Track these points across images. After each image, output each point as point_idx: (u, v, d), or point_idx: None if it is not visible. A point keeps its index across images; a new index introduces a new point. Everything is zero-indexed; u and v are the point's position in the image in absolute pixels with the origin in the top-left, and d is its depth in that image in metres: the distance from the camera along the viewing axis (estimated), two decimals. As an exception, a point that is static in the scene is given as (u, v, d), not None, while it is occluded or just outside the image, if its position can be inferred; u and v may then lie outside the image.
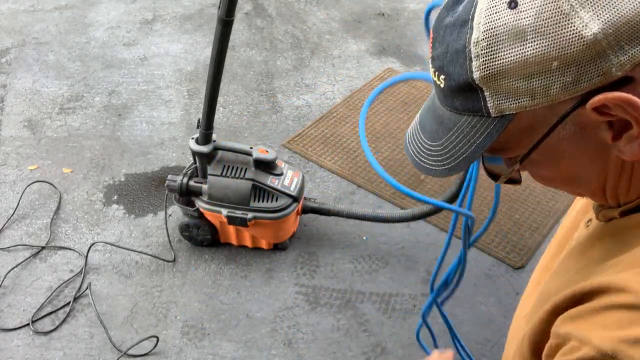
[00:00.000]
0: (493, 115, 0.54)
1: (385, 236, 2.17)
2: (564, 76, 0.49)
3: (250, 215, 1.91)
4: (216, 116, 1.90)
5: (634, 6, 0.46)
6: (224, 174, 1.90)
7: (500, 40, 0.50)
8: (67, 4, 3.52)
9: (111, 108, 2.76)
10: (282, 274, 2.04)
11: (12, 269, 2.01)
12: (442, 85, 0.56)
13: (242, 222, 1.93)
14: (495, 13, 0.50)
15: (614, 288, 0.51)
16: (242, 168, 1.90)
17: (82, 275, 2.00)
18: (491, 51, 0.51)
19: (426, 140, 0.60)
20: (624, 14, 0.46)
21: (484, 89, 0.53)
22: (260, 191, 1.91)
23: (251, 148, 1.88)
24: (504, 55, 0.50)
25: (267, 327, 1.87)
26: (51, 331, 1.84)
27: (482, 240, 2.15)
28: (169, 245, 2.10)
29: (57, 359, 1.77)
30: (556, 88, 0.50)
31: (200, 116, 1.79)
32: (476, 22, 0.51)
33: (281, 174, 1.93)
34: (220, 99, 2.61)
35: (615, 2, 0.46)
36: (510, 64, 0.50)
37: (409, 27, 3.39)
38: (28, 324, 1.85)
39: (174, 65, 3.04)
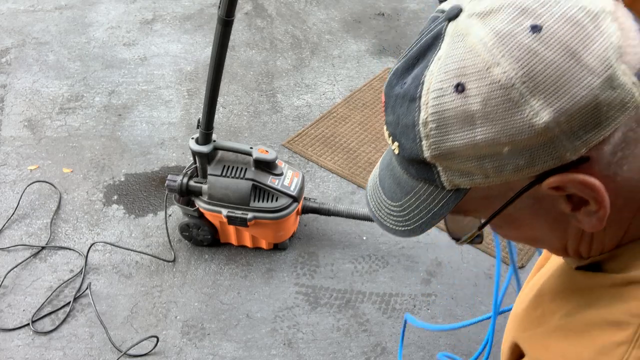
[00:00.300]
0: (447, 189, 0.53)
1: (385, 236, 2.17)
2: (516, 159, 0.48)
3: (250, 215, 1.91)
4: (216, 116, 1.90)
5: (586, 93, 0.45)
6: (224, 174, 1.90)
7: (448, 124, 0.49)
8: (67, 4, 3.52)
9: (111, 108, 2.76)
10: (282, 274, 2.04)
11: (12, 269, 2.01)
12: (396, 152, 0.55)
13: (242, 222, 1.93)
14: (443, 96, 0.48)
15: None
16: (242, 168, 1.90)
17: (82, 275, 2.00)
18: (440, 133, 0.49)
19: (386, 199, 0.59)
20: (576, 101, 0.45)
21: (436, 165, 0.52)
22: (260, 191, 1.91)
23: (251, 148, 1.88)
24: (453, 138, 0.49)
25: (267, 327, 1.87)
26: (51, 331, 1.84)
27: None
28: (169, 245, 2.10)
29: (57, 359, 1.77)
30: (509, 170, 0.49)
31: (200, 116, 1.79)
32: (423, 102, 0.49)
33: (281, 174, 1.93)
34: (220, 99, 2.61)
35: (567, 89, 0.45)
36: (461, 146, 0.49)
37: (409, 27, 3.39)
38: (28, 324, 1.85)
39: (174, 65, 3.04)
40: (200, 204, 1.95)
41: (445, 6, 0.52)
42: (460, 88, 0.48)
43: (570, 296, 0.59)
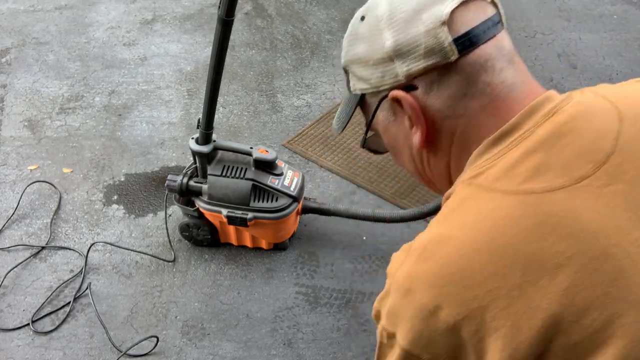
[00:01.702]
0: (353, 93, 0.80)
1: (385, 236, 2.17)
2: (377, 71, 0.73)
3: (250, 215, 1.91)
4: (216, 116, 1.91)
5: (414, 34, 0.68)
6: (224, 174, 1.90)
7: (350, 40, 0.78)
8: (67, 4, 3.52)
9: (111, 108, 2.76)
10: (282, 274, 2.04)
11: (12, 269, 2.01)
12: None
13: (242, 222, 1.93)
14: (355, 21, 0.78)
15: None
16: (242, 168, 1.90)
17: (82, 275, 2.00)
18: (347, 46, 0.78)
19: (339, 109, 0.89)
20: (409, 38, 0.69)
21: (348, 71, 0.80)
22: (260, 191, 1.91)
23: (251, 148, 1.88)
24: (349, 50, 0.77)
25: (267, 327, 1.87)
26: (51, 331, 1.84)
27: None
28: (169, 245, 2.10)
29: (57, 359, 1.77)
30: (374, 79, 0.74)
31: (200, 116, 1.79)
32: (349, 25, 0.79)
33: (281, 174, 1.93)
34: (220, 99, 2.61)
35: (405, 29, 0.69)
36: (352, 57, 0.77)
37: (409, 27, 3.39)
38: (28, 324, 1.85)
39: (173, 65, 3.04)
40: (200, 204, 1.95)
41: None
42: (362, 18, 0.76)
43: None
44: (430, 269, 0.63)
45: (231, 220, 1.93)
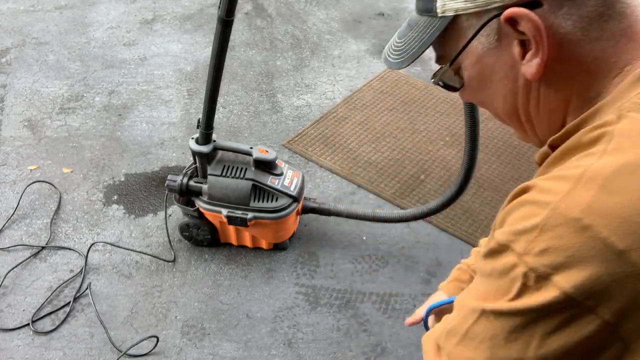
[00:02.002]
0: (439, 15, 0.65)
1: (385, 236, 2.17)
2: None
3: (250, 215, 1.91)
4: (216, 116, 1.90)
5: None
6: (224, 174, 1.90)
7: None
8: (67, 4, 3.52)
9: (111, 108, 2.76)
10: (282, 274, 2.04)
11: (12, 269, 2.01)
12: None
13: (242, 222, 1.93)
14: None
15: (528, 187, 0.58)
16: (242, 168, 1.90)
17: (82, 275, 2.00)
18: None
19: (395, 39, 0.72)
20: None
21: None
22: (260, 191, 1.91)
23: (251, 148, 1.88)
24: None
25: (267, 327, 1.87)
26: (51, 331, 1.84)
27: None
28: (169, 245, 2.10)
29: (57, 359, 1.77)
30: None
31: (200, 116, 1.79)
32: None
33: (281, 174, 1.93)
34: (220, 99, 2.61)
35: None
36: None
37: (409, 27, 3.39)
38: (28, 324, 1.85)
39: (173, 65, 3.04)
40: (200, 204, 1.95)
41: None
42: None
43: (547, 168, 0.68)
44: (621, 202, 0.52)
45: (231, 220, 1.93)
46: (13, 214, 2.20)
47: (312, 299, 1.96)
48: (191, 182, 1.94)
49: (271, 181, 1.90)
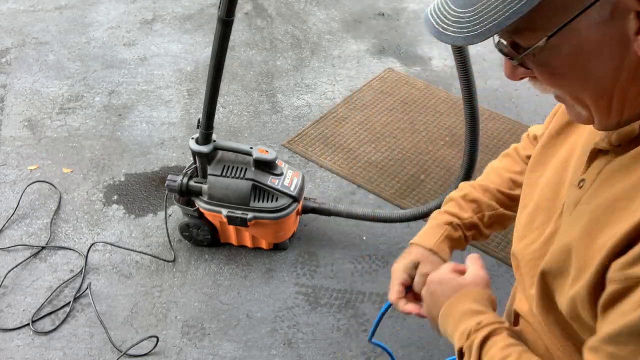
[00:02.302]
0: None
1: (385, 236, 2.17)
2: None
3: (250, 215, 1.91)
4: (216, 116, 1.90)
5: None
6: (224, 174, 1.90)
7: None
8: (67, 4, 3.52)
9: (111, 108, 2.76)
10: (282, 274, 2.04)
11: (12, 269, 2.01)
12: None
13: (242, 222, 1.93)
14: None
15: None
16: (242, 168, 1.90)
17: (82, 275, 2.00)
18: None
19: (454, 8, 0.57)
20: None
21: None
22: (260, 191, 1.91)
23: (251, 148, 1.88)
24: None
25: (267, 327, 1.87)
26: (51, 331, 1.84)
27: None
28: (169, 245, 2.10)
29: (57, 359, 1.77)
30: None
31: (200, 116, 1.79)
32: None
33: (281, 174, 1.93)
34: (220, 99, 2.61)
35: None
36: None
37: (409, 27, 3.39)
38: (28, 324, 1.85)
39: (174, 65, 3.04)
40: (200, 204, 1.95)
41: None
42: None
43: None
44: None
45: (231, 220, 1.93)
46: (13, 214, 2.20)
47: (312, 299, 1.96)
48: (191, 182, 1.94)
49: (271, 181, 1.90)
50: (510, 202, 0.95)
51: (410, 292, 0.90)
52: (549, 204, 0.73)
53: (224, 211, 1.92)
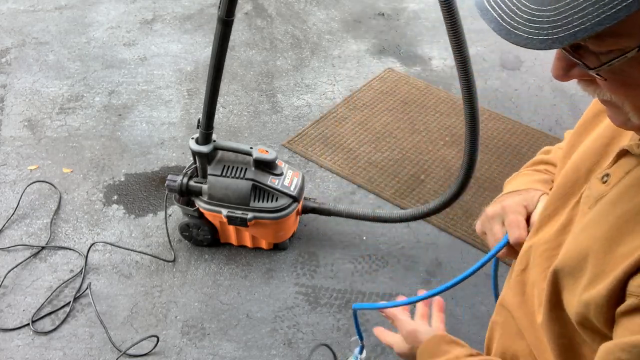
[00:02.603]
0: None
1: (385, 236, 2.17)
2: None
3: (250, 215, 1.91)
4: (216, 116, 1.90)
5: None
6: (224, 174, 1.90)
7: None
8: (67, 4, 3.52)
9: (111, 108, 2.76)
10: (282, 274, 2.04)
11: (12, 269, 2.01)
12: None
13: (242, 222, 1.93)
14: None
15: None
16: (242, 168, 1.90)
17: (82, 275, 2.00)
18: None
19: (528, 4, 0.49)
20: None
21: None
22: (260, 191, 1.91)
23: (251, 148, 1.88)
24: None
25: (267, 327, 1.87)
26: (51, 331, 1.84)
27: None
28: (169, 245, 2.10)
29: (57, 359, 1.77)
30: None
31: (200, 116, 1.79)
32: None
33: (281, 174, 1.94)
34: (220, 99, 2.61)
35: None
36: None
37: (409, 27, 3.39)
38: (28, 324, 1.85)
39: (174, 65, 3.04)
40: (200, 204, 1.95)
41: None
42: None
43: None
44: None
45: (231, 220, 1.93)
46: (13, 214, 2.20)
47: (312, 299, 1.96)
48: (191, 182, 1.94)
49: (271, 181, 1.91)
50: None
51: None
52: (567, 190, 0.71)
53: (224, 211, 1.92)
